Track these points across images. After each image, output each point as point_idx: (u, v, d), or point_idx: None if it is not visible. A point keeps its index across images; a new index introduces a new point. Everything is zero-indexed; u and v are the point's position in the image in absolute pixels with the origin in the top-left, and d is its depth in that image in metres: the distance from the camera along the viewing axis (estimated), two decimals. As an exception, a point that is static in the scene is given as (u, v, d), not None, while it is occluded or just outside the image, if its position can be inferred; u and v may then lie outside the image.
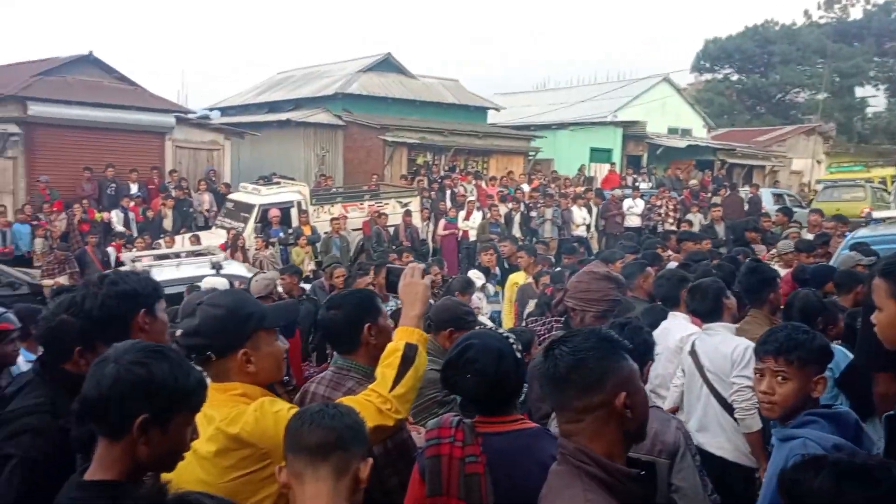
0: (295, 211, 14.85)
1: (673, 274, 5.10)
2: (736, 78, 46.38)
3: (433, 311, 3.79)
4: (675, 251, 8.82)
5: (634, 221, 17.13)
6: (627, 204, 17.49)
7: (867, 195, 18.97)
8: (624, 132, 27.00)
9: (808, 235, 9.64)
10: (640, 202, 17.63)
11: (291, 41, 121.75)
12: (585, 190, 19.11)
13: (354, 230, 15.15)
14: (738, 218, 15.01)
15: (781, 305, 4.46)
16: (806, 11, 48.08)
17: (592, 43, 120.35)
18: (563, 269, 7.60)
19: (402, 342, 2.25)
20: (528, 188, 19.41)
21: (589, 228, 17.07)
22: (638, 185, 20.09)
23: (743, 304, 4.50)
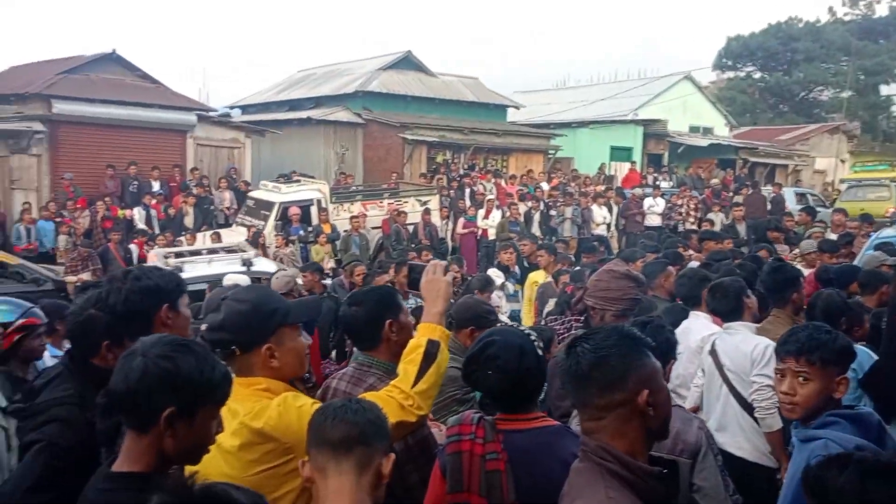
0: (315, 209, 14.89)
1: (694, 273, 5.07)
2: (759, 76, 45.86)
3: (454, 309, 3.80)
4: (696, 250, 8.76)
5: (655, 220, 16.99)
6: (648, 203, 17.37)
7: (892, 194, 18.66)
8: (645, 130, 26.85)
9: (831, 235, 9.52)
10: (660, 201, 17.49)
11: (312, 39, 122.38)
12: (606, 188, 19.05)
13: (374, 228, 15.15)
14: (760, 217, 14.87)
15: (804, 306, 4.42)
16: (830, 8, 47.36)
17: (613, 41, 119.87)
18: (582, 267, 7.51)
19: (424, 338, 2.25)
20: (547, 187, 19.32)
21: (609, 227, 16.95)
22: (659, 183, 19.96)
23: (765, 304, 4.46)
